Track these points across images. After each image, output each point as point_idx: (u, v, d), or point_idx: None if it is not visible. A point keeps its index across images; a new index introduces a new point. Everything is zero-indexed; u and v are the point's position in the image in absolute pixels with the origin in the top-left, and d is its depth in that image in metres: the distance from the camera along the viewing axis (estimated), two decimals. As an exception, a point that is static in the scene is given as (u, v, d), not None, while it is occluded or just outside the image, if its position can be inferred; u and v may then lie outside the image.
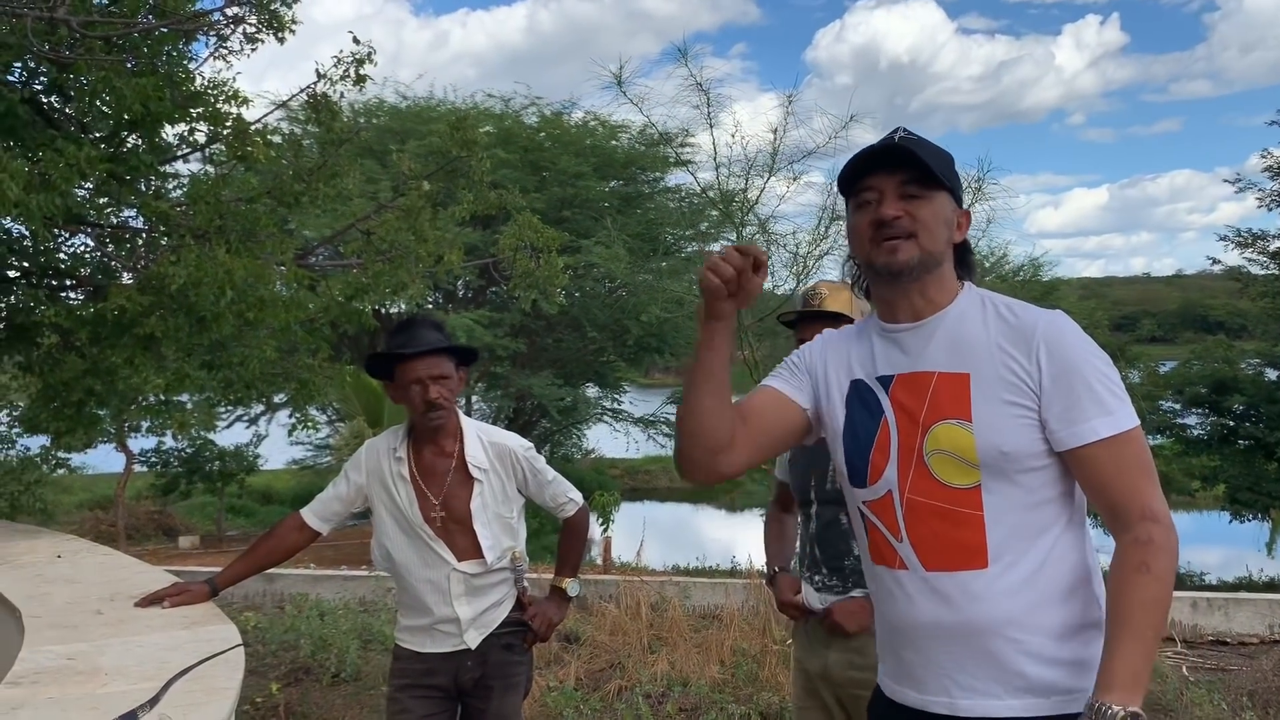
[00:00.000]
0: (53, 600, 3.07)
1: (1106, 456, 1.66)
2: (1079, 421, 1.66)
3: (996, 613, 1.69)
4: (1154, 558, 1.61)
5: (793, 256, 11.80)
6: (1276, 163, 16.58)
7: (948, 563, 1.74)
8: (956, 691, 1.74)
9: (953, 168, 1.86)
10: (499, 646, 2.99)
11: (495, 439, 3.04)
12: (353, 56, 5.38)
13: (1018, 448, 1.69)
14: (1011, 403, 1.70)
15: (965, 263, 1.88)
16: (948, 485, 1.74)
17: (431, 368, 2.87)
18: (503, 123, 18.42)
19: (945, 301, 1.82)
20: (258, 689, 5.42)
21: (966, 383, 1.74)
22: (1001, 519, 1.71)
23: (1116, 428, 1.66)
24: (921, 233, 1.77)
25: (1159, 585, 1.60)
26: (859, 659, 2.72)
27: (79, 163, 4.26)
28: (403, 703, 3.01)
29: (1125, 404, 1.68)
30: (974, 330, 1.77)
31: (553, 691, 5.60)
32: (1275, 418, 15.23)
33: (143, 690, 2.25)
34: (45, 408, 5.28)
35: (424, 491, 2.95)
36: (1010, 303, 1.81)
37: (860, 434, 1.86)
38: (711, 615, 7.57)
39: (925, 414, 1.77)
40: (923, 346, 1.81)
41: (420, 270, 5.64)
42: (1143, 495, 1.65)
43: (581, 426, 22.67)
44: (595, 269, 16.33)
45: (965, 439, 1.72)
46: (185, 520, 15.92)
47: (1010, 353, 1.72)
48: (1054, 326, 1.72)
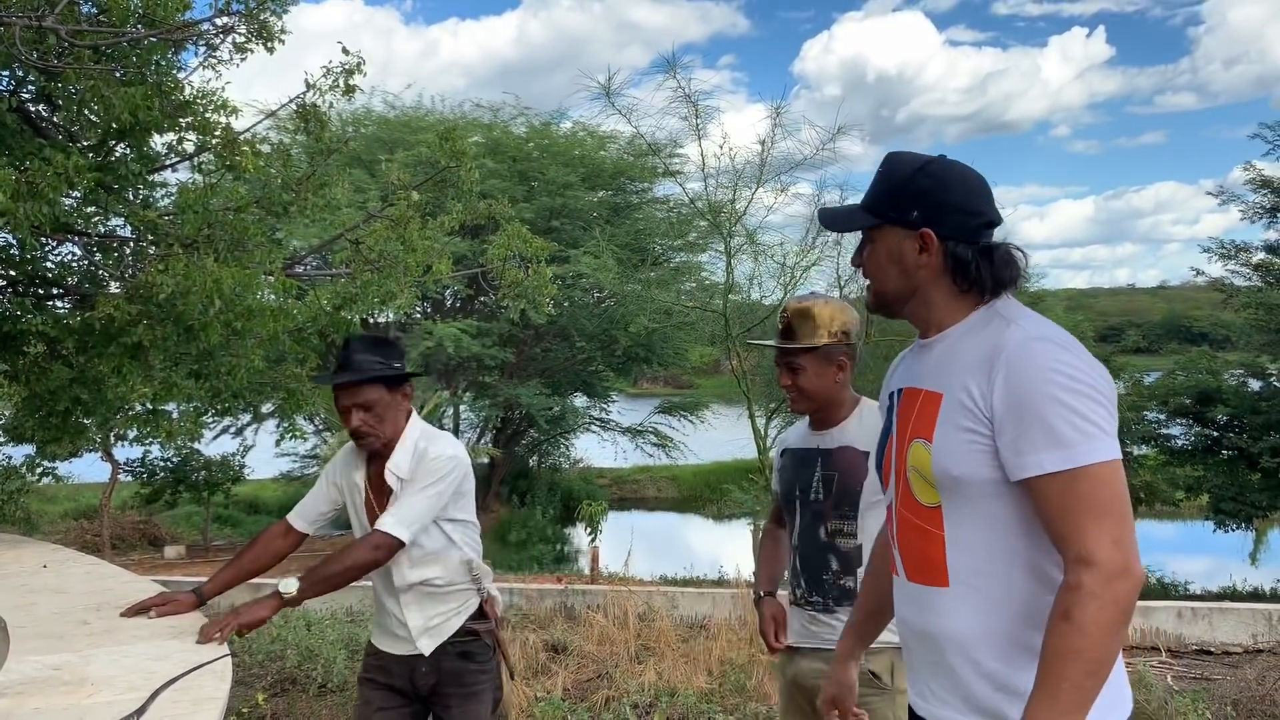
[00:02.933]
0: (38, 610, 3.05)
1: (1053, 492, 1.56)
2: (1026, 453, 1.58)
3: (954, 631, 1.70)
4: (1079, 605, 1.50)
5: (780, 267, 11.85)
6: (1259, 175, 16.71)
7: (921, 576, 1.78)
8: (931, 699, 1.78)
9: (894, 194, 1.77)
10: (454, 655, 2.99)
11: (426, 444, 2.94)
12: (342, 66, 5.40)
13: (967, 473, 1.66)
14: (965, 428, 1.66)
15: (965, 276, 1.75)
16: (919, 502, 1.76)
17: (353, 397, 2.87)
18: (491, 133, 18.43)
19: (951, 321, 1.78)
20: (244, 699, 5.40)
21: (938, 403, 1.72)
22: (960, 541, 1.70)
23: (1068, 463, 1.55)
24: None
25: (1079, 636, 1.49)
26: (826, 666, 2.74)
27: (67, 171, 4.26)
28: (364, 694, 3.09)
29: (1088, 439, 1.56)
30: (965, 350, 1.72)
31: (540, 702, 5.59)
32: (1258, 428, 15.32)
33: (129, 701, 2.24)
34: (31, 416, 5.26)
35: (371, 500, 2.99)
36: (1012, 320, 1.70)
37: (881, 443, 1.94)
38: (699, 625, 7.58)
39: (910, 430, 1.79)
40: (924, 364, 1.82)
41: (409, 280, 5.65)
42: (1083, 538, 1.53)
43: (569, 436, 22.64)
44: (584, 279, 16.34)
45: (926, 458, 1.72)
46: (171, 530, 15.82)
47: (974, 376, 1.66)
48: (1019, 350, 1.62)
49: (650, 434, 22.43)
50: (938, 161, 1.78)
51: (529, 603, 8.32)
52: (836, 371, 2.73)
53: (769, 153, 11.18)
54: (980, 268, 1.73)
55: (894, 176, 1.79)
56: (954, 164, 1.79)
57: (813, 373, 2.73)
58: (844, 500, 2.72)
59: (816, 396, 2.75)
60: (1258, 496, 15.12)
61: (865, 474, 2.70)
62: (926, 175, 1.75)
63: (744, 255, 11.99)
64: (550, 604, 8.28)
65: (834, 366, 2.73)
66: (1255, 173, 16.71)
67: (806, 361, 2.73)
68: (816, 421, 2.84)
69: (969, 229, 1.74)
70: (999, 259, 1.75)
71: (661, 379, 30.77)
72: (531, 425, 19.91)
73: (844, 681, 2.28)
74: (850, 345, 2.75)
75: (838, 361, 2.73)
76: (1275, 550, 18.13)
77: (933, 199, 1.74)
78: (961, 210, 1.74)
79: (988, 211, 1.77)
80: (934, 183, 1.75)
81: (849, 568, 2.72)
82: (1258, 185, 16.77)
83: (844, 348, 2.74)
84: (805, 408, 2.81)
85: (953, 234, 1.74)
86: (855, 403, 2.82)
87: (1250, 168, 16.87)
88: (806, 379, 2.73)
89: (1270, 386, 16.34)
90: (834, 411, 2.79)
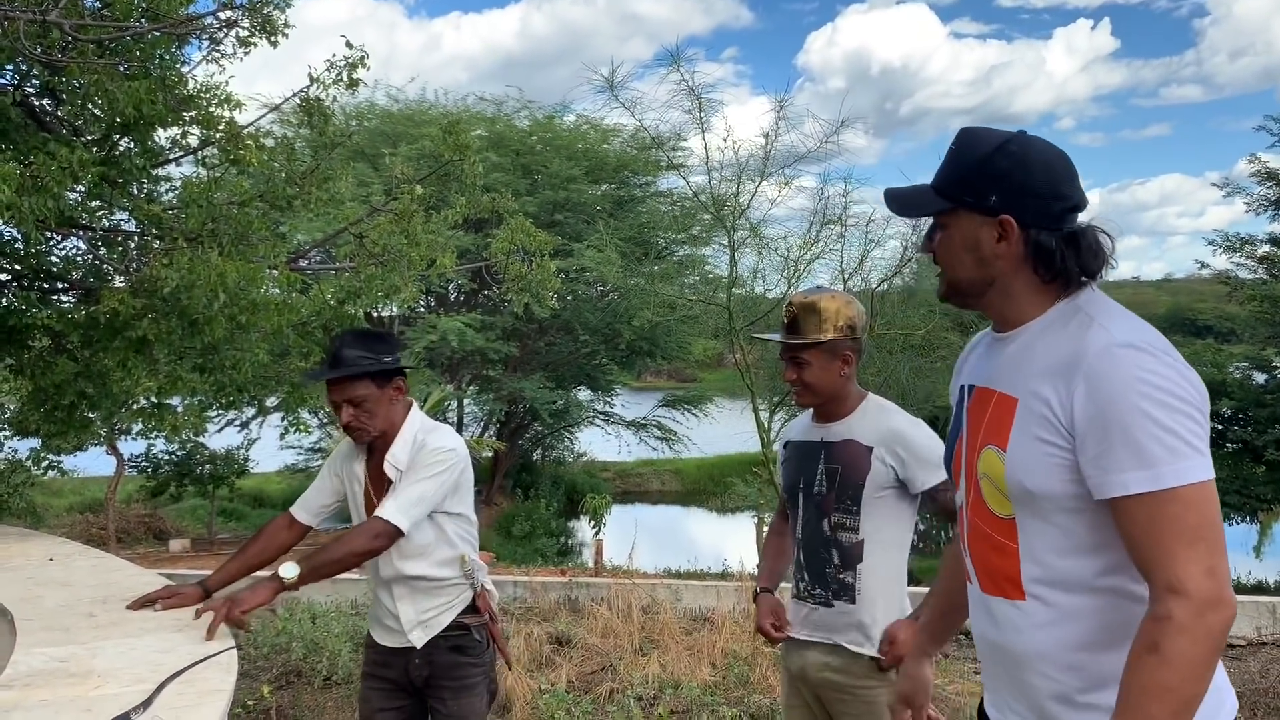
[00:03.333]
0: (45, 603, 3.07)
1: (1140, 514, 1.44)
2: (1110, 471, 1.46)
3: (1029, 647, 1.61)
4: (1167, 638, 1.39)
5: (784, 260, 11.83)
6: (1264, 168, 16.68)
7: (994, 588, 1.68)
8: (1007, 710, 1.70)
9: (970, 176, 1.63)
10: (446, 648, 3.00)
11: (425, 436, 2.96)
12: (345, 60, 5.40)
13: (1042, 488, 1.54)
14: (1041, 439, 1.54)
15: (1049, 266, 1.60)
16: (992, 511, 1.66)
17: (342, 392, 2.88)
18: (494, 126, 18.42)
19: (1030, 315, 1.64)
20: (249, 692, 5.42)
21: (1013, 409, 1.60)
22: (1036, 556, 1.59)
23: (1155, 484, 1.43)
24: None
25: (1168, 671, 1.38)
26: (834, 660, 2.74)
27: (71, 165, 4.27)
28: (365, 692, 3.11)
29: (1179, 458, 1.43)
30: (1044, 351, 1.58)
31: (545, 694, 5.60)
32: (1263, 421, 15.32)
33: (136, 693, 2.25)
34: (36, 410, 5.28)
35: (370, 492, 3.01)
36: (1095, 319, 1.56)
37: (950, 443, 1.81)
38: (703, 618, 7.59)
39: (982, 435, 1.67)
40: (998, 361, 1.68)
41: (412, 274, 5.65)
42: (1173, 564, 1.41)
43: (573, 429, 22.67)
44: (587, 272, 16.34)
45: (999, 468, 1.60)
46: (176, 523, 15.88)
47: (1052, 383, 1.54)
48: (1103, 358, 1.48)
49: (654, 427, 22.45)
50: (1017, 139, 1.63)
51: (533, 595, 8.33)
52: (841, 366, 2.73)
53: (772, 146, 11.15)
54: (1065, 257, 1.59)
55: (969, 156, 1.63)
56: (1035, 141, 1.64)
57: (818, 367, 2.73)
58: (846, 494, 2.72)
59: (821, 391, 2.75)
60: (1262, 490, 15.13)
61: (869, 468, 2.70)
62: (1005, 155, 1.60)
63: (747, 248, 11.98)
64: (554, 597, 8.30)
65: (839, 361, 2.72)
66: (1260, 165, 16.70)
67: (812, 356, 2.72)
68: (820, 415, 2.84)
69: (1052, 214, 1.59)
70: (1086, 246, 1.60)
71: (665, 372, 30.78)
72: (535, 419, 19.93)
73: (918, 678, 2.15)
74: (855, 340, 2.75)
75: (843, 356, 2.73)
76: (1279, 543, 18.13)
77: (1013, 182, 1.59)
78: (1045, 194, 1.59)
79: (1073, 194, 1.61)
80: (1014, 163, 1.59)
81: (850, 562, 2.72)
82: (1263, 178, 16.76)
83: (849, 342, 2.73)
84: (810, 402, 2.81)
85: (1035, 220, 1.59)
86: (860, 397, 2.82)
87: (1255, 160, 16.87)
88: (811, 373, 2.73)
89: (1275, 379, 16.33)
90: (838, 405, 2.79)
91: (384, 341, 3.00)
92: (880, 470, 2.69)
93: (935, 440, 2.72)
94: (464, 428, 19.93)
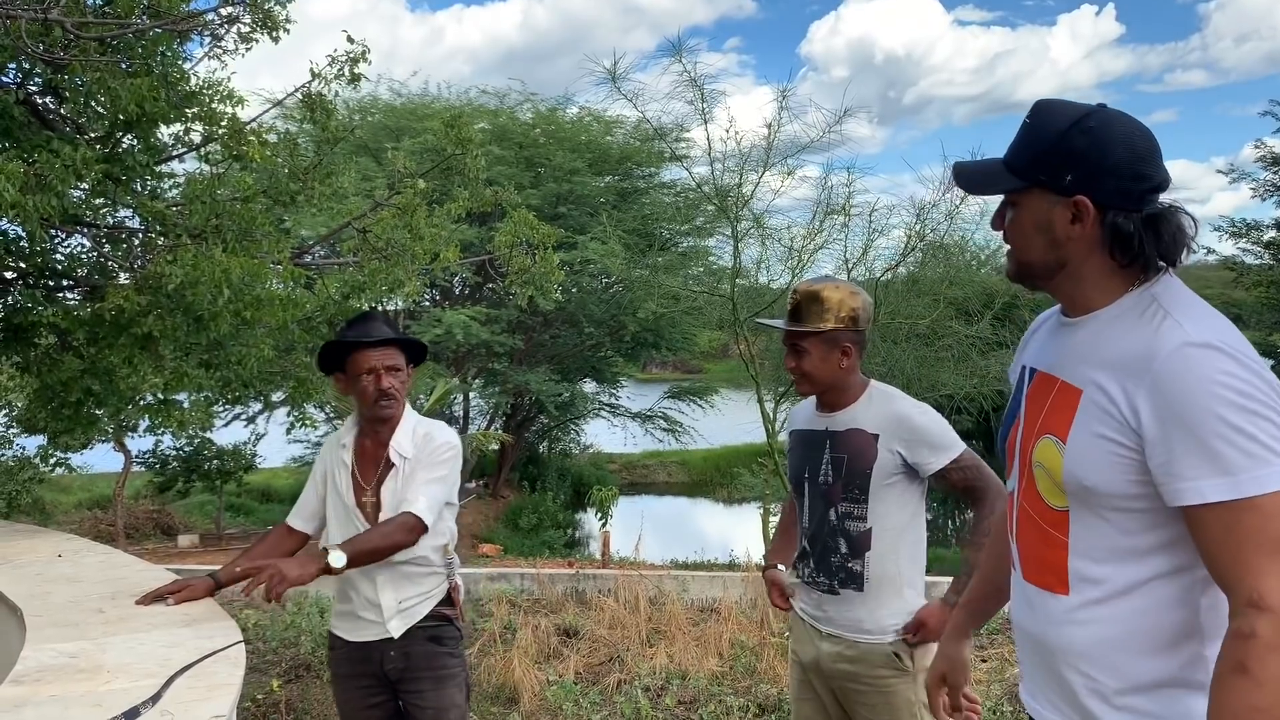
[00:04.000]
0: (54, 599, 3.09)
1: (1215, 524, 1.38)
2: (1182, 479, 1.40)
3: (1068, 642, 1.58)
4: (1254, 657, 1.32)
5: (788, 251, 11.82)
6: (1270, 153, 16.63)
7: (1037, 578, 1.64)
8: (1044, 702, 1.67)
9: (1045, 153, 1.54)
10: (423, 638, 3.04)
11: (428, 429, 3.07)
12: (347, 55, 5.39)
13: (1102, 484, 1.49)
14: (1105, 436, 1.48)
15: (1126, 251, 1.52)
16: (1045, 502, 1.61)
17: (386, 358, 2.96)
18: (497, 119, 18.39)
19: (1101, 302, 1.57)
20: (259, 686, 5.45)
21: (1077, 400, 1.54)
22: (1086, 552, 1.54)
23: (1233, 493, 1.36)
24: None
25: (1259, 693, 1.31)
26: (849, 651, 2.75)
27: (75, 163, 4.27)
28: (345, 694, 3.12)
29: (1257, 464, 1.35)
30: (1114, 343, 1.51)
31: (552, 685, 5.63)
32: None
33: (145, 687, 2.27)
34: (43, 408, 5.30)
35: (359, 479, 3.04)
36: (1170, 313, 1.48)
37: (1006, 425, 1.76)
38: (709, 608, 7.61)
39: (1040, 422, 1.61)
40: (1064, 347, 1.62)
41: (416, 268, 5.66)
42: (1254, 577, 1.34)
43: (579, 422, 22.68)
44: (591, 265, 16.33)
45: (1057, 460, 1.55)
46: (184, 519, 15.91)
47: (1118, 378, 1.47)
48: (1175, 360, 1.41)
49: (660, 419, 22.44)
50: (1096, 114, 1.54)
51: (540, 587, 8.35)
52: (841, 357, 2.73)
53: (775, 136, 11.13)
54: (1144, 241, 1.51)
55: (1044, 132, 1.55)
56: (1115, 116, 1.54)
57: (817, 356, 2.73)
58: (853, 483, 2.72)
59: (820, 380, 2.76)
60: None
61: (875, 456, 2.70)
62: (1083, 132, 1.51)
63: (751, 239, 11.97)
64: (561, 588, 8.32)
65: (839, 352, 2.72)
66: (1266, 150, 16.64)
67: (811, 345, 2.73)
68: (824, 403, 2.84)
69: (1132, 195, 1.51)
70: (1167, 231, 1.51)
71: (670, 364, 30.76)
72: (541, 411, 19.94)
73: (955, 658, 2.11)
74: (858, 331, 2.75)
75: (843, 347, 2.72)
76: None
77: (1090, 161, 1.50)
78: (1124, 174, 1.50)
79: (1155, 174, 1.52)
80: (1091, 141, 1.51)
81: (857, 551, 2.73)
82: (1268, 163, 16.70)
83: (850, 334, 2.73)
84: (808, 390, 2.82)
85: (1112, 201, 1.51)
86: (864, 386, 2.81)
87: (1261, 145, 16.81)
88: (810, 362, 2.74)
89: (1282, 365, 16.27)
90: (841, 394, 2.79)
91: (397, 328, 3.12)
92: (887, 457, 2.69)
93: (941, 422, 2.73)
94: (470, 421, 19.95)
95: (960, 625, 2.12)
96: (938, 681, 2.14)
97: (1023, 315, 11.74)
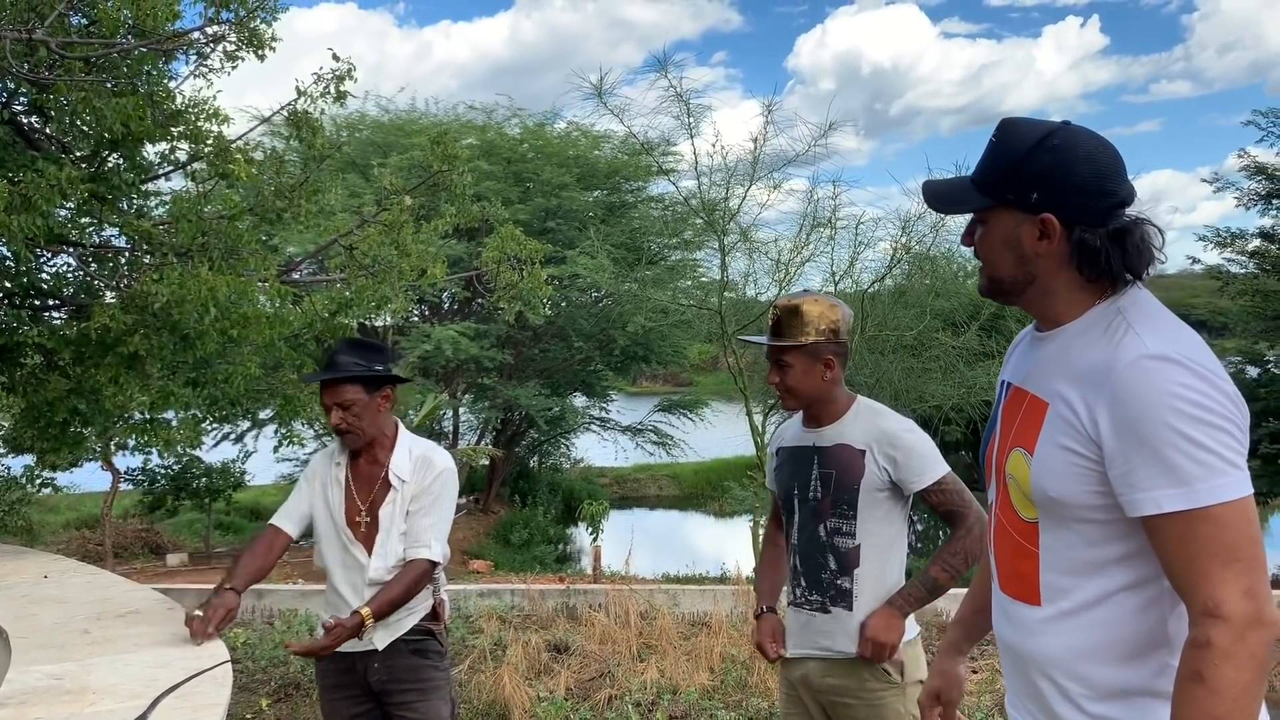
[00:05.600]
0: (40, 620, 3.08)
1: (1172, 534, 1.40)
2: (1139, 489, 1.42)
3: (1042, 652, 1.60)
4: (1209, 666, 1.34)
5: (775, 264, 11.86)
6: (1253, 162, 16.75)
7: (1013, 590, 1.67)
8: (1025, 715, 1.68)
9: (1011, 172, 1.56)
10: (407, 651, 3.07)
11: (423, 452, 3.14)
12: (333, 73, 5.41)
13: (1067, 496, 1.52)
14: (1067, 448, 1.51)
15: (1093, 266, 1.54)
16: (1017, 513, 1.64)
17: (335, 395, 3.02)
18: (485, 134, 18.43)
19: (1070, 316, 1.59)
20: (248, 705, 5.42)
21: (1043, 413, 1.57)
22: (1055, 563, 1.57)
23: (1187, 503, 1.38)
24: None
25: (1215, 701, 1.34)
26: (838, 666, 2.75)
27: (60, 183, 4.28)
28: (332, 704, 3.15)
29: (1211, 474, 1.38)
30: (1078, 356, 1.54)
31: (543, 701, 5.61)
32: (1257, 415, 15.33)
33: (130, 708, 2.26)
34: (30, 427, 5.28)
35: (353, 497, 3.09)
36: (1133, 325, 1.50)
37: (985, 438, 1.79)
38: (700, 622, 7.59)
39: (1012, 435, 1.64)
40: (1036, 361, 1.64)
41: (403, 284, 5.67)
42: (1209, 586, 1.37)
43: (570, 436, 22.66)
44: (580, 279, 16.36)
45: (1025, 472, 1.58)
46: (173, 538, 15.82)
47: (1079, 390, 1.50)
48: (1132, 372, 1.43)
49: (650, 432, 22.44)
50: (1061, 132, 1.55)
51: (531, 603, 8.33)
52: (824, 370, 2.74)
53: (761, 150, 11.19)
54: (1110, 256, 1.53)
55: (1010, 150, 1.57)
56: (1080, 134, 1.56)
57: (800, 370, 2.74)
58: (842, 498, 2.72)
59: (803, 394, 2.77)
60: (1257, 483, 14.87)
61: (862, 472, 2.70)
62: (1048, 150, 1.53)
63: (738, 252, 12.01)
64: (552, 604, 8.30)
65: (821, 364, 2.73)
66: (1249, 160, 16.76)
67: (793, 359, 2.74)
68: (811, 419, 2.84)
69: (1097, 212, 1.52)
70: (1132, 244, 1.53)
71: (660, 377, 30.80)
72: (531, 426, 19.92)
73: (949, 674, 2.11)
74: (839, 344, 2.76)
75: (824, 360, 2.73)
76: (1275, 535, 18.16)
77: (1055, 179, 1.52)
78: (1089, 191, 1.52)
79: (1119, 190, 1.54)
80: (1057, 159, 1.53)
81: (847, 568, 2.72)
82: (1252, 172, 16.82)
83: (831, 346, 2.73)
84: (793, 405, 2.82)
85: (1078, 218, 1.52)
86: (850, 400, 2.82)
87: (1244, 155, 16.93)
88: (793, 376, 2.74)
89: (1268, 373, 16.38)
90: (826, 409, 2.80)
91: (378, 351, 3.15)
92: (874, 473, 2.69)
93: (927, 442, 2.74)
94: (460, 436, 19.92)
95: (955, 642, 2.12)
96: (932, 698, 2.13)
97: (1009, 326, 11.78)
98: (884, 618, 2.67)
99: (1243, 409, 1.45)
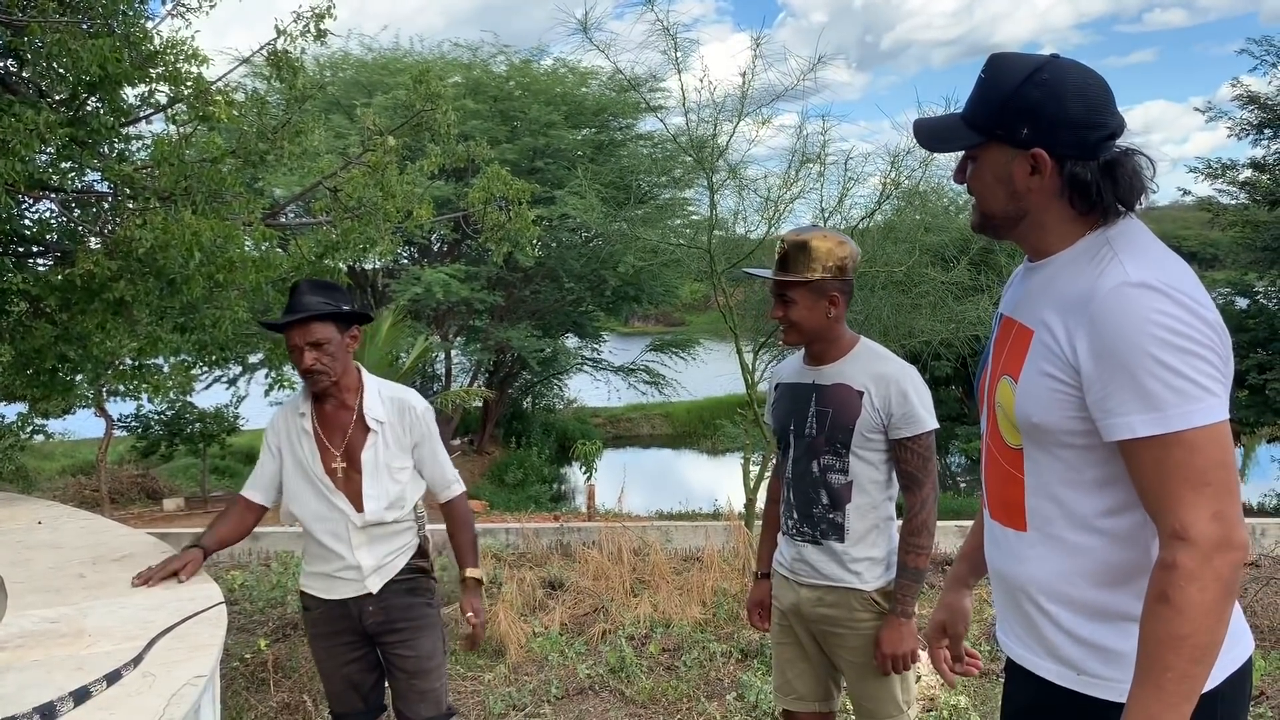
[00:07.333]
0: (35, 565, 3.11)
1: (1146, 458, 1.44)
2: (1114, 414, 1.45)
3: (1029, 577, 1.64)
4: (1175, 587, 1.38)
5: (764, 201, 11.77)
6: (1246, 91, 16.62)
7: (1002, 516, 1.71)
8: (1013, 638, 1.73)
9: (1000, 107, 1.57)
10: (400, 591, 3.10)
11: (395, 394, 3.13)
12: (312, 11, 5.31)
13: (1047, 421, 1.55)
14: (1049, 374, 1.54)
15: (1085, 198, 1.55)
16: (1005, 441, 1.67)
17: (307, 335, 2.94)
18: (471, 73, 18.17)
19: (1057, 247, 1.61)
20: (246, 645, 5.49)
21: (1028, 341, 1.60)
22: (1039, 489, 1.61)
23: (1160, 427, 1.41)
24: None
25: (1181, 621, 1.37)
26: (829, 596, 2.80)
27: (38, 127, 4.22)
28: (327, 650, 3.16)
29: (1185, 400, 1.40)
30: (1064, 284, 1.56)
31: (538, 637, 5.70)
32: (1245, 345, 15.43)
33: (126, 650, 2.30)
34: (19, 375, 5.27)
35: (325, 444, 3.05)
36: (1118, 254, 1.51)
37: (978, 370, 1.83)
38: (692, 557, 7.70)
39: (1001, 363, 1.68)
40: (1025, 291, 1.67)
41: (389, 226, 5.62)
42: (1179, 510, 1.40)
43: (562, 377, 22.72)
44: (570, 219, 16.25)
45: (1011, 399, 1.62)
46: (169, 483, 15.89)
47: (1061, 317, 1.53)
48: (1111, 298, 1.45)
49: (642, 372, 22.51)
50: (1049, 66, 1.55)
51: (525, 541, 8.43)
52: (829, 306, 2.74)
53: (750, 85, 11.03)
54: (1102, 189, 1.54)
55: (999, 86, 1.57)
56: (1069, 67, 1.56)
57: (804, 306, 2.74)
58: (837, 437, 2.75)
59: (806, 330, 2.77)
60: (1244, 413, 15.29)
61: (859, 412, 2.72)
62: (1037, 85, 1.54)
63: (727, 190, 11.90)
64: (547, 542, 8.39)
65: (825, 301, 2.74)
66: (1242, 89, 16.63)
67: (798, 294, 2.74)
68: (811, 356, 2.85)
69: (1088, 145, 1.54)
70: (1123, 176, 1.55)
71: (652, 317, 30.77)
72: (524, 367, 19.95)
73: (956, 607, 2.14)
74: (845, 281, 2.76)
75: (829, 296, 2.73)
76: (1262, 466, 18.38)
77: (1045, 113, 1.53)
78: (1079, 124, 1.53)
79: (1109, 121, 1.55)
80: (1046, 93, 1.53)
81: (838, 503, 2.76)
82: (1245, 101, 16.69)
83: (837, 283, 2.74)
84: (795, 340, 2.83)
85: (1069, 152, 1.54)
86: (853, 340, 2.83)
87: (1237, 84, 16.79)
88: (797, 312, 2.75)
89: (1257, 304, 16.43)
90: (828, 346, 2.81)
91: (340, 291, 3.09)
92: (869, 414, 2.72)
93: (924, 391, 2.76)
94: (453, 378, 19.94)
95: (960, 576, 2.14)
96: (938, 631, 2.15)
97: (999, 260, 11.76)
98: (893, 629, 2.71)
99: (1224, 337, 1.47)
